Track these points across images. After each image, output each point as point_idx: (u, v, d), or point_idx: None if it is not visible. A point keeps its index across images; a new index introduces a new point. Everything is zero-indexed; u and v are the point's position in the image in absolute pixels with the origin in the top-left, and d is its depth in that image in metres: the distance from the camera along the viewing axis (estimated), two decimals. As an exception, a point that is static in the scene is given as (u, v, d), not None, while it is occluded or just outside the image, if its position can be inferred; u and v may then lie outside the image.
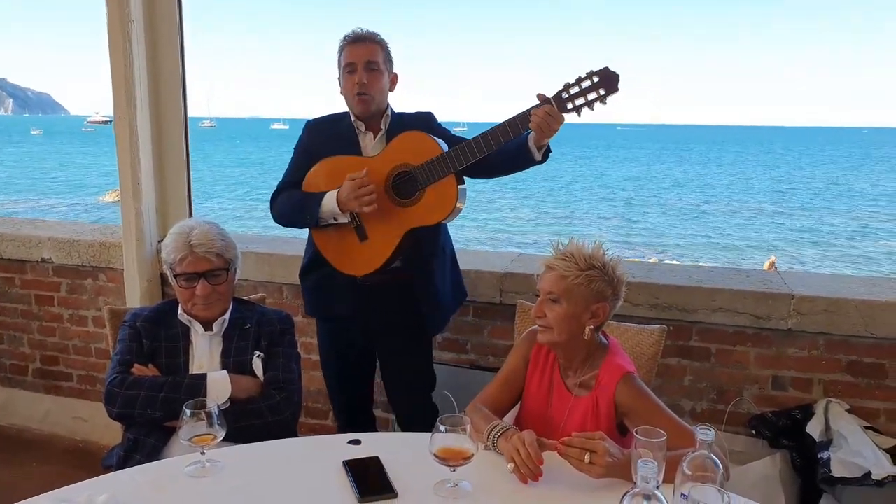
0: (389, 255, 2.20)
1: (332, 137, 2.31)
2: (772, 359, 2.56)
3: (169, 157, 3.18)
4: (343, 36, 2.25)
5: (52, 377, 3.54)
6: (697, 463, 1.29)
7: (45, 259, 3.38)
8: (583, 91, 1.98)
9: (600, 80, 1.97)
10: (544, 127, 1.99)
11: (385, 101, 2.29)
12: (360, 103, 2.23)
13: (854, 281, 2.75)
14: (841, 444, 2.33)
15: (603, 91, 1.97)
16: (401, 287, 2.29)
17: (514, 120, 2.03)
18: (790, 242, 22.26)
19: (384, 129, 2.29)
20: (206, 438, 1.55)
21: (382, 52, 2.25)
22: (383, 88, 2.26)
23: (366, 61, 2.20)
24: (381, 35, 2.26)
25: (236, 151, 63.31)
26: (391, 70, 2.29)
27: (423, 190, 2.14)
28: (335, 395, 2.56)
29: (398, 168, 2.17)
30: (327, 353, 2.50)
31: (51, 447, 3.36)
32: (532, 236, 22.04)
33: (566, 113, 2.00)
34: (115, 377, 1.95)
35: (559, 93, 2.00)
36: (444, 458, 1.45)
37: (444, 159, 2.09)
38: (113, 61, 2.98)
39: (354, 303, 2.32)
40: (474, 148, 2.06)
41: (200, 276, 1.98)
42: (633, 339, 2.09)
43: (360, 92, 2.20)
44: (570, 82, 1.99)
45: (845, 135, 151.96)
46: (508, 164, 2.19)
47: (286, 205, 2.32)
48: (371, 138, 2.29)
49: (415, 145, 2.15)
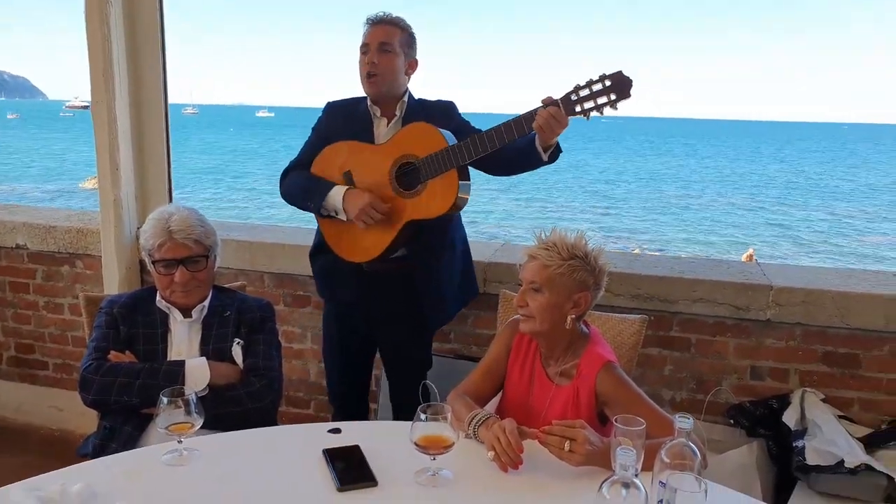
0: (388, 245, 2.20)
1: (347, 120, 2.31)
2: (750, 349, 2.59)
3: (149, 143, 3.13)
4: (366, 18, 2.25)
5: (28, 365, 3.49)
6: (676, 451, 1.30)
7: (20, 245, 3.33)
8: (593, 94, 1.94)
9: (612, 84, 1.92)
10: (546, 128, 1.97)
11: (398, 84, 2.26)
12: (369, 84, 2.22)
13: (831, 273, 2.78)
14: (815, 433, 2.36)
15: (614, 96, 1.92)
16: (404, 277, 2.29)
17: (520, 119, 2.01)
18: (764, 236, 22.53)
19: (399, 114, 2.27)
20: (184, 426, 1.54)
21: (401, 34, 2.23)
22: (395, 70, 2.22)
23: (379, 42, 2.19)
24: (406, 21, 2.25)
25: (228, 138, 62.67)
26: (410, 55, 2.26)
27: (425, 183, 2.13)
28: (332, 381, 2.56)
29: (403, 158, 2.16)
30: (330, 336, 2.50)
31: (25, 436, 3.32)
32: (512, 227, 22.10)
33: (573, 115, 1.96)
34: (91, 364, 1.92)
35: (568, 94, 1.96)
36: (425, 447, 1.45)
37: (448, 153, 2.07)
38: (90, 44, 2.92)
39: (357, 289, 2.33)
40: (478, 144, 2.04)
41: (179, 263, 1.96)
42: (615, 329, 2.10)
43: (369, 72, 2.20)
44: (581, 84, 1.95)
45: (825, 130, 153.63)
46: (518, 161, 2.18)
47: (294, 185, 2.33)
48: (385, 124, 2.28)
49: (421, 137, 2.14)
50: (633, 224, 24.24)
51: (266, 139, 62.94)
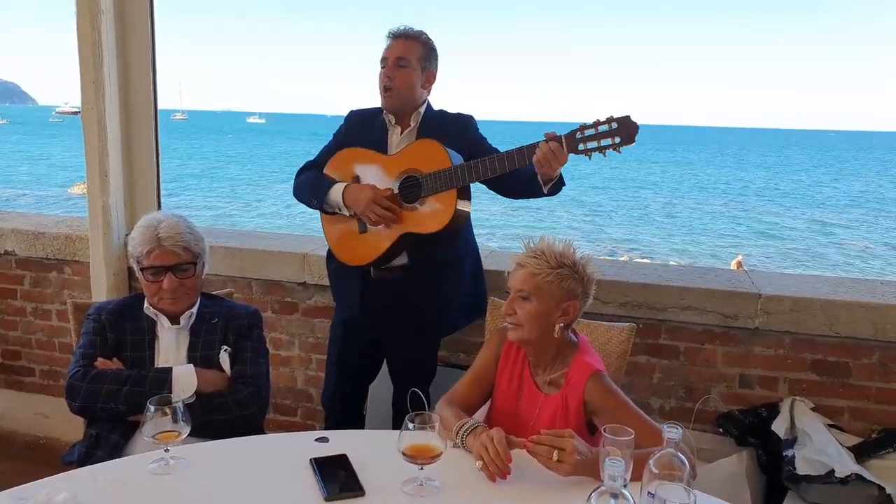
0: (381, 253, 2.24)
1: (365, 128, 2.38)
2: (739, 357, 2.59)
3: (138, 150, 3.13)
4: (388, 31, 2.31)
5: (14, 372, 3.46)
6: (664, 461, 1.30)
7: (9, 251, 3.30)
8: (598, 135, 1.95)
9: (619, 127, 1.93)
10: (544, 162, 1.99)
11: (415, 97, 2.30)
12: (385, 98, 2.28)
13: (819, 281, 2.80)
14: (805, 442, 2.36)
15: (619, 139, 1.93)
16: (408, 286, 2.31)
17: (522, 150, 2.05)
18: (751, 244, 22.65)
19: (414, 125, 2.31)
20: (171, 435, 1.53)
21: (421, 49, 2.28)
22: (411, 85, 2.26)
23: (396, 57, 2.25)
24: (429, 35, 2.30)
25: (218, 144, 62.50)
26: (428, 68, 2.30)
27: (424, 198, 2.18)
28: (331, 384, 2.56)
29: (408, 172, 2.21)
30: (336, 339, 2.52)
31: (11, 443, 3.28)
32: (502, 233, 22.13)
33: (576, 153, 1.98)
34: (77, 370, 1.91)
35: (573, 132, 1.98)
36: (413, 456, 1.44)
37: (450, 174, 2.12)
38: (81, 52, 2.91)
39: (364, 293, 2.35)
40: (479, 170, 2.09)
41: (167, 270, 1.95)
42: (603, 337, 2.10)
43: (385, 86, 2.26)
44: (587, 124, 1.96)
45: (813, 137, 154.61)
46: (521, 189, 2.24)
47: (304, 182, 2.39)
48: (399, 133, 2.32)
49: (427, 154, 2.18)
50: (621, 232, 24.33)
51: (256, 146, 62.85)
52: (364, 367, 2.55)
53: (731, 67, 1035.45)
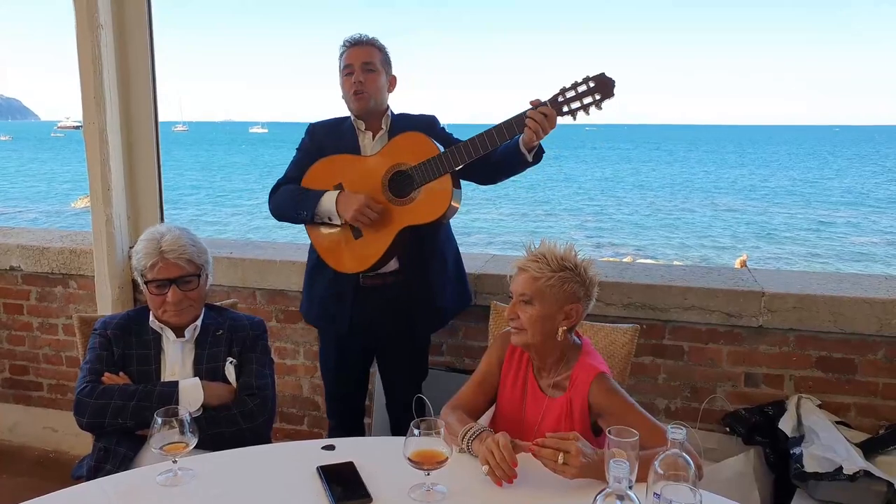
0: (383, 253, 2.23)
1: (333, 137, 2.37)
2: (744, 356, 2.59)
3: (139, 163, 3.15)
4: (343, 40, 2.32)
5: (22, 387, 3.47)
6: (669, 461, 1.30)
7: (14, 267, 3.32)
8: (578, 95, 2.02)
9: (596, 85, 2.00)
10: (537, 128, 2.03)
11: (383, 100, 2.33)
12: (357, 100, 2.28)
13: (822, 277, 2.79)
14: (813, 440, 2.36)
15: (598, 96, 2.01)
16: (399, 288, 2.31)
17: (510, 121, 2.07)
18: (754, 241, 22.62)
19: (384, 128, 2.33)
20: (178, 447, 1.53)
21: (380, 54, 2.31)
22: (380, 87, 2.30)
23: (362, 62, 2.27)
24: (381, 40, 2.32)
25: (221, 155, 62.67)
26: (389, 72, 2.34)
27: (418, 189, 2.18)
28: (331, 398, 2.56)
29: (395, 167, 2.21)
30: (328, 356, 2.52)
31: (20, 458, 3.30)
32: (504, 236, 22.14)
33: (561, 116, 2.04)
34: (85, 386, 1.92)
35: (555, 96, 2.04)
36: (419, 462, 1.45)
37: (440, 159, 2.13)
38: (82, 66, 2.94)
39: (357, 305, 2.34)
40: (470, 149, 2.10)
41: (171, 283, 1.96)
42: (607, 339, 2.10)
43: (356, 91, 2.26)
44: (567, 86, 2.03)
45: (817, 133, 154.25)
46: (503, 167, 2.23)
47: (284, 198, 2.36)
48: (371, 137, 2.34)
49: (413, 145, 2.20)
50: (623, 232, 24.30)
51: (258, 155, 63.01)
52: (359, 379, 2.55)
53: (725, 64, 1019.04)
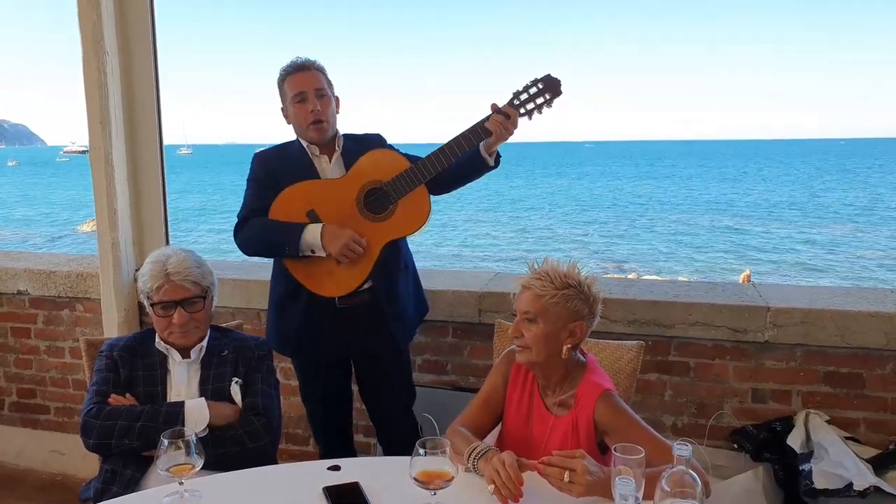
0: (369, 273, 2.22)
1: (286, 165, 2.31)
2: (750, 371, 2.58)
3: (145, 187, 3.17)
4: (283, 67, 2.30)
5: (29, 410, 3.48)
6: (676, 479, 1.30)
7: (22, 291, 3.34)
8: (531, 97, 2.15)
9: (545, 86, 2.15)
10: (502, 131, 2.13)
11: (335, 125, 2.34)
12: (316, 131, 2.26)
13: (828, 292, 2.78)
14: (822, 456, 2.34)
15: (549, 95, 2.15)
16: (371, 306, 2.30)
17: (475, 128, 2.15)
18: (756, 257, 22.61)
19: (339, 150, 2.32)
20: (185, 468, 1.54)
21: (325, 77, 2.31)
22: (333, 112, 2.31)
23: (315, 88, 2.25)
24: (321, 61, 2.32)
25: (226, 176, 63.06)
26: (334, 94, 2.34)
27: (395, 203, 2.20)
28: (317, 420, 2.55)
29: (368, 185, 2.22)
30: (307, 382, 2.49)
31: (27, 482, 3.30)
32: (506, 254, 22.15)
33: (518, 118, 2.15)
34: (92, 408, 1.92)
35: (510, 101, 2.15)
36: (425, 482, 1.44)
37: (414, 171, 2.17)
38: (88, 93, 2.98)
39: (336, 328, 2.31)
40: (441, 157, 2.16)
41: (177, 305, 1.97)
42: (612, 356, 2.10)
43: (315, 120, 2.24)
44: (519, 90, 2.15)
45: (823, 147, 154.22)
46: (465, 173, 2.27)
47: (259, 232, 2.27)
48: (327, 161, 2.32)
49: (383, 162, 2.22)
50: (627, 249, 24.29)
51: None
52: (341, 400, 2.53)
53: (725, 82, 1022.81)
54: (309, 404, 2.53)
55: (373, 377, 2.46)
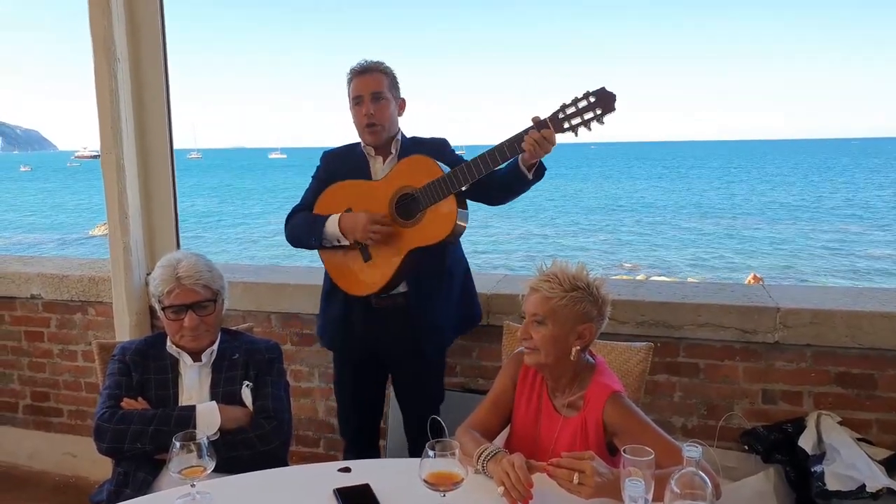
0: (392, 276, 2.24)
1: (345, 164, 2.39)
2: (760, 372, 2.57)
3: (156, 191, 3.20)
4: (349, 69, 2.33)
5: (43, 413, 3.51)
6: (685, 480, 1.30)
7: (35, 295, 3.38)
8: (579, 111, 2.00)
9: (597, 99, 1.98)
10: (536, 148, 2.03)
11: (395, 127, 2.34)
12: (370, 134, 2.29)
13: (838, 292, 2.77)
14: (834, 458, 2.33)
15: (599, 110, 1.98)
16: (407, 309, 2.33)
17: (511, 141, 2.07)
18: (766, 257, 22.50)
19: (394, 152, 2.35)
20: (197, 470, 1.55)
21: (387, 79, 2.31)
22: (391, 116, 2.31)
23: (371, 92, 2.27)
24: (386, 63, 2.32)
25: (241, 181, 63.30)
26: (398, 96, 2.34)
27: (424, 210, 2.19)
28: (345, 416, 2.57)
29: (402, 190, 2.22)
30: (342, 374, 2.53)
31: (41, 484, 3.33)
32: (514, 256, 22.13)
33: (562, 133, 2.02)
34: (104, 412, 1.94)
35: (555, 113, 2.02)
36: (435, 483, 1.45)
37: (444, 181, 2.14)
38: (99, 99, 3.01)
39: (369, 326, 2.36)
40: (472, 169, 2.10)
41: (188, 308, 1.99)
42: (621, 357, 2.10)
43: (368, 123, 2.27)
44: (567, 102, 2.01)
45: (835, 146, 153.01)
46: (506, 187, 2.22)
47: (297, 226, 2.40)
48: (381, 162, 2.36)
49: (418, 168, 2.21)
50: (635, 250, 24.20)
51: (281, 180, 63.62)
52: (373, 397, 2.56)
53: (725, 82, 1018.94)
54: (339, 399, 2.57)
55: (401, 378, 2.49)
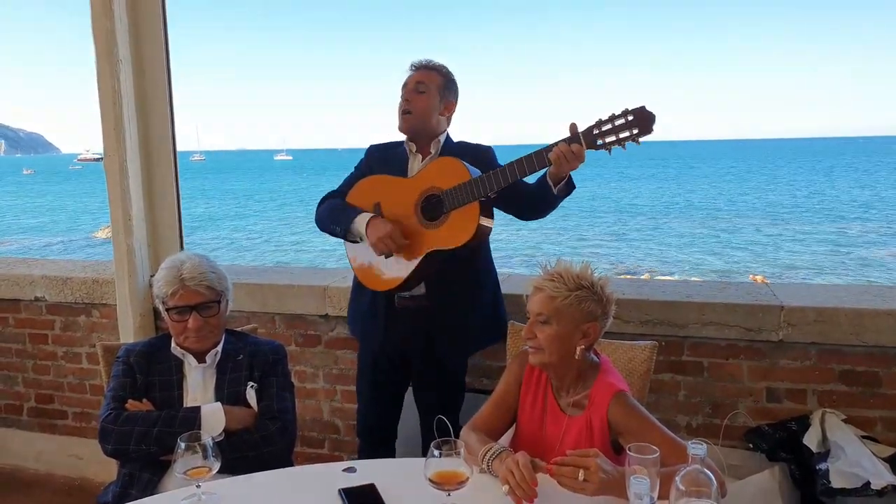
0: (408, 275, 2.25)
1: (386, 157, 2.44)
2: (765, 371, 2.56)
3: (159, 193, 3.21)
4: (411, 63, 2.38)
5: (48, 416, 3.52)
6: (691, 478, 1.30)
7: (39, 297, 3.38)
8: (615, 129, 1.94)
9: (635, 118, 1.92)
10: (563, 162, 1.99)
11: (432, 123, 2.35)
12: (403, 120, 2.34)
13: (843, 290, 2.76)
14: (839, 455, 2.33)
15: (636, 130, 1.92)
16: (427, 311, 2.34)
17: (540, 151, 2.03)
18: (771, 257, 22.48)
19: (434, 152, 2.36)
20: (202, 471, 1.55)
21: (440, 79, 2.35)
22: (428, 109, 2.32)
23: (416, 82, 2.33)
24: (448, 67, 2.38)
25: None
26: (447, 97, 2.37)
27: (447, 213, 2.18)
28: (364, 415, 2.58)
29: (429, 190, 2.23)
30: (364, 371, 2.55)
31: (46, 486, 3.33)
32: (519, 255, 22.12)
33: (595, 149, 1.98)
34: (109, 413, 1.95)
35: (590, 128, 1.97)
36: (440, 483, 1.45)
37: (471, 185, 2.11)
38: (102, 101, 3.01)
39: (389, 324, 2.38)
40: (500, 177, 2.07)
41: (192, 309, 1.99)
42: (625, 356, 2.10)
43: (404, 110, 2.33)
44: (603, 119, 1.96)
45: (840, 145, 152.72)
46: (538, 200, 2.20)
47: (326, 210, 2.44)
48: (420, 160, 2.38)
49: (447, 170, 2.20)
50: (639, 250, 24.18)
51: (288, 182, 63.69)
52: (395, 400, 2.57)
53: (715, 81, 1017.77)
54: (359, 391, 2.59)
55: (419, 381, 2.50)
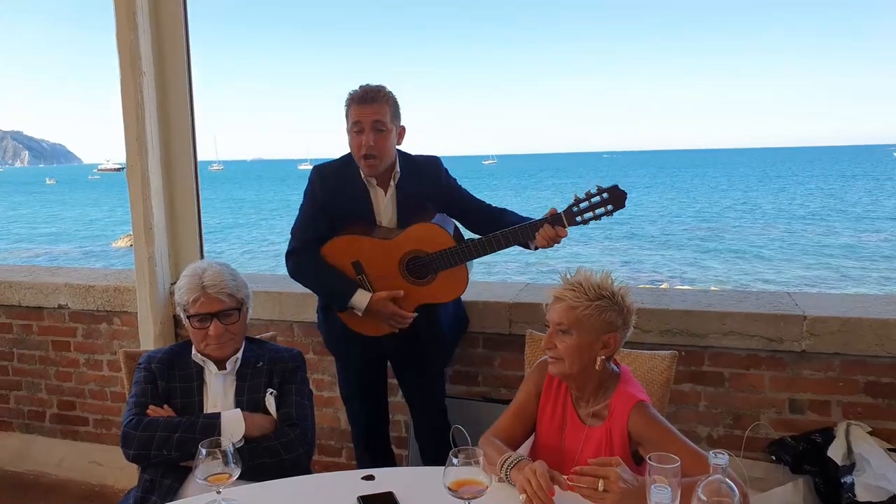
0: None
1: (343, 189, 2.35)
2: (787, 381, 2.53)
3: (180, 202, 3.25)
4: (350, 92, 2.26)
5: (69, 422, 3.56)
6: (712, 488, 1.28)
7: (62, 305, 3.43)
8: (592, 206, 2.17)
9: (609, 196, 2.16)
10: (547, 243, 2.20)
11: (392, 157, 2.32)
12: (367, 166, 2.28)
13: (866, 300, 2.72)
14: (864, 468, 2.29)
15: (611, 207, 2.16)
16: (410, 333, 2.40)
17: (526, 228, 2.22)
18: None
19: (394, 184, 2.35)
20: (222, 477, 1.56)
21: (390, 109, 2.25)
22: (390, 148, 2.29)
23: (373, 121, 2.21)
24: (388, 87, 2.27)
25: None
26: (398, 125, 2.31)
27: (436, 274, 2.32)
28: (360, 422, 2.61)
29: (412, 253, 2.30)
30: (347, 379, 2.58)
31: (67, 492, 3.36)
32: (535, 268, 22.05)
33: (573, 225, 2.19)
34: (131, 419, 1.96)
35: (570, 207, 2.18)
36: (458, 491, 1.45)
37: (457, 253, 2.27)
38: (125, 112, 3.06)
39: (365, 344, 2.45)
40: (485, 246, 2.26)
41: (213, 317, 2.01)
42: (645, 366, 2.08)
43: (366, 154, 2.24)
44: (580, 197, 2.18)
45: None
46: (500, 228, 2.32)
47: (312, 276, 2.43)
48: (383, 195, 2.36)
49: (429, 236, 2.30)
50: (658, 259, 24.00)
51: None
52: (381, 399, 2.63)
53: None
54: (349, 404, 2.61)
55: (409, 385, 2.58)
